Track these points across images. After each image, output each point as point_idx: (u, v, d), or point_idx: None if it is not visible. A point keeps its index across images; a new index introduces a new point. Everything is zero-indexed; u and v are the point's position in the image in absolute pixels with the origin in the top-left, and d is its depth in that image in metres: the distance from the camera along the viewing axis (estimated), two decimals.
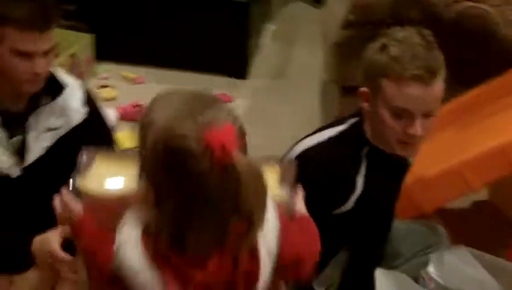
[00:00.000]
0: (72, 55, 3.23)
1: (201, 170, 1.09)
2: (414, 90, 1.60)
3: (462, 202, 2.52)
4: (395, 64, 1.60)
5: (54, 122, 1.87)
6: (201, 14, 3.42)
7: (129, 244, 1.17)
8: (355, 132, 1.75)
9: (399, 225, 1.95)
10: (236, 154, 1.08)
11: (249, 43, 3.53)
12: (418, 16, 2.39)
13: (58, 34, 3.37)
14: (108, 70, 3.48)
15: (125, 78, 3.42)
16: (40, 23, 1.72)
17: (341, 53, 2.66)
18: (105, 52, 3.49)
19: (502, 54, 2.33)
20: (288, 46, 3.91)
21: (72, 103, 1.91)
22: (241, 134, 1.15)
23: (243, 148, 1.15)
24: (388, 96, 1.63)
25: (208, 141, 1.07)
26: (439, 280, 1.83)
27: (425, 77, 1.59)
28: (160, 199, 1.14)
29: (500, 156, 1.95)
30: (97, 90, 3.26)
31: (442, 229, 2.01)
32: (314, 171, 1.66)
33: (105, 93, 3.24)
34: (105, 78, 3.42)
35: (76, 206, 1.37)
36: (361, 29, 2.48)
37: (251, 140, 1.36)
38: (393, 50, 1.61)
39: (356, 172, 1.72)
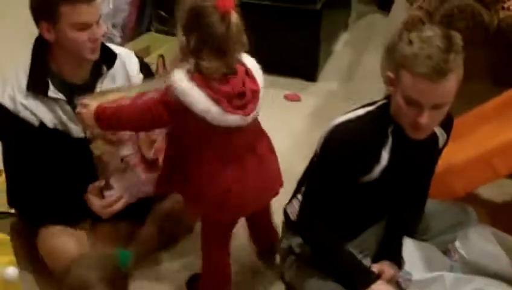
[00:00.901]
0: (160, 56, 3.59)
1: (212, 20, 1.83)
2: (423, 85, 1.76)
3: (504, 195, 2.70)
4: (413, 59, 1.77)
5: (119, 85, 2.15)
6: (277, 21, 3.70)
7: (182, 81, 1.84)
8: (382, 111, 1.94)
9: (431, 204, 2.16)
10: (231, 11, 1.85)
11: (320, 49, 3.79)
12: (466, 25, 2.55)
13: (151, 37, 3.81)
14: None
15: None
16: None
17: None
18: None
19: None
20: (359, 54, 4.14)
21: (131, 69, 2.20)
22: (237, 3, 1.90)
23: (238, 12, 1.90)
24: (404, 86, 1.81)
25: (218, 3, 1.83)
26: (462, 253, 2.04)
27: (434, 76, 1.74)
28: (189, 41, 1.86)
29: None
30: None
31: (471, 210, 2.18)
32: (340, 142, 1.92)
33: None
34: None
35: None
36: None
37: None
38: (416, 46, 1.77)
39: (381, 146, 1.93)
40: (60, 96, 2.06)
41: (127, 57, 2.22)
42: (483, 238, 2.04)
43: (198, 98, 1.83)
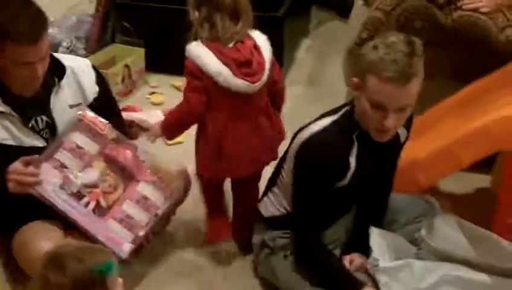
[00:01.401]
0: (125, 66, 3.64)
1: None
2: (389, 89, 1.83)
3: (465, 188, 2.80)
4: (378, 64, 1.83)
5: (74, 99, 2.16)
6: None
7: (197, 46, 2.14)
8: (346, 119, 2.01)
9: (397, 197, 2.25)
10: None
11: (284, 55, 3.85)
12: (422, 26, 2.65)
13: (116, 48, 3.84)
14: (158, 80, 3.87)
15: (173, 86, 3.78)
16: (34, 35, 1.95)
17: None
18: (155, 64, 3.89)
19: (493, 56, 2.58)
20: (321, 59, 4.21)
21: (85, 81, 2.20)
22: None
23: None
24: (370, 90, 1.87)
25: None
26: (429, 241, 2.12)
27: (400, 80, 1.81)
28: (200, 12, 2.12)
29: (484, 134, 2.23)
30: (147, 96, 3.69)
31: (435, 201, 2.27)
32: (315, 156, 1.98)
33: (154, 98, 3.64)
34: (155, 87, 3.81)
35: None
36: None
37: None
38: (381, 52, 1.84)
39: (349, 153, 2.00)
40: (8, 110, 2.05)
41: (79, 69, 2.21)
42: (448, 227, 2.12)
43: (210, 61, 2.11)
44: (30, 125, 2.11)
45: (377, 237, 2.05)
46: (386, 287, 2.01)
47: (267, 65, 2.20)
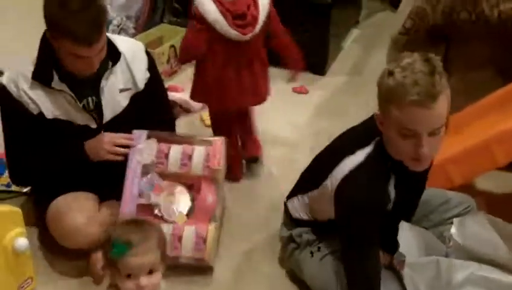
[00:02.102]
0: (171, 46, 3.68)
1: None
2: (416, 113, 1.70)
3: (503, 188, 2.74)
4: (400, 89, 1.70)
5: (124, 84, 2.20)
6: (288, 14, 3.75)
7: (205, 1, 2.44)
8: (379, 152, 1.89)
9: (434, 193, 2.21)
10: None
11: (330, 43, 3.85)
12: (468, 17, 2.58)
13: (164, 28, 3.89)
14: None
15: None
16: (91, 38, 1.98)
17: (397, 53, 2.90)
18: None
19: None
20: (368, 50, 4.18)
21: (138, 68, 2.23)
22: None
23: None
24: (396, 120, 1.74)
25: None
26: (458, 239, 2.08)
27: (426, 101, 1.68)
28: None
29: None
30: (191, 78, 3.70)
31: (473, 202, 2.22)
32: (361, 197, 1.85)
33: None
34: None
35: None
36: (417, 34, 2.73)
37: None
38: (398, 76, 1.71)
39: (387, 184, 1.91)
40: (64, 87, 2.10)
41: (134, 55, 2.23)
42: (479, 225, 2.08)
43: (210, 9, 2.44)
44: (82, 104, 2.15)
45: (405, 232, 2.03)
46: (411, 282, 2.00)
47: (261, 18, 2.52)
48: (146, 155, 2.21)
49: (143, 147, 2.21)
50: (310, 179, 2.14)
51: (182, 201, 2.25)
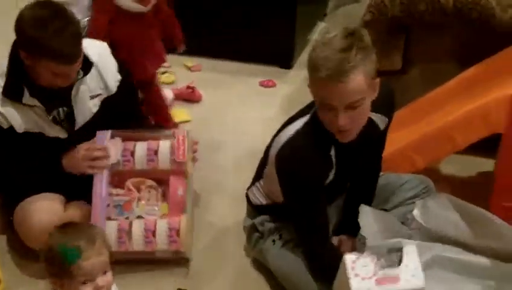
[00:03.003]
0: None
1: None
2: (328, 88, 1.74)
3: (467, 172, 2.80)
4: (313, 64, 1.76)
5: (94, 90, 2.21)
6: (253, 10, 3.79)
7: None
8: (317, 120, 1.90)
9: (392, 177, 2.26)
10: None
11: (296, 36, 3.86)
12: (425, 8, 2.61)
13: None
14: (170, 60, 3.88)
15: (185, 66, 3.83)
16: (75, 55, 2.00)
17: None
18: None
19: (497, 37, 2.55)
20: None
21: (108, 73, 2.24)
22: None
23: None
24: (313, 93, 1.82)
25: None
26: (421, 221, 2.10)
27: (333, 77, 1.71)
28: None
29: (479, 116, 2.21)
30: (159, 76, 3.72)
31: (430, 182, 2.26)
32: (296, 165, 1.89)
33: (165, 78, 3.64)
34: (168, 66, 3.82)
35: None
36: (377, 26, 2.73)
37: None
38: (315, 51, 1.76)
39: (328, 151, 1.93)
40: (35, 102, 2.10)
41: (101, 62, 2.23)
42: (441, 206, 2.09)
43: None
44: (52, 116, 2.16)
45: (366, 215, 2.04)
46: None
47: None
48: (112, 153, 2.21)
49: (107, 146, 2.21)
50: (262, 162, 2.18)
51: (152, 196, 2.27)
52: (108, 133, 2.23)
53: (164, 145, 2.26)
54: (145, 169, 2.26)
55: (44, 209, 2.17)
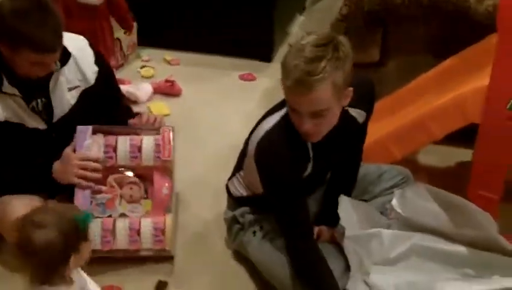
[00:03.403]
0: (117, 40, 3.63)
1: None
2: (293, 96, 1.75)
3: (446, 162, 2.83)
4: (283, 70, 1.74)
5: (72, 82, 2.19)
6: (232, 3, 3.80)
7: None
8: None
9: (370, 167, 2.28)
10: None
11: (275, 29, 3.88)
12: (401, 1, 2.63)
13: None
14: (150, 54, 3.91)
15: (164, 60, 3.83)
16: (56, 45, 1.99)
17: None
18: (148, 39, 3.92)
19: (474, 28, 2.57)
20: None
21: (85, 64, 2.22)
22: None
23: None
24: (285, 96, 1.82)
25: None
26: (399, 211, 2.14)
27: (298, 88, 1.71)
28: None
29: (455, 106, 2.23)
30: (138, 70, 3.72)
31: (408, 172, 2.28)
32: (273, 160, 1.89)
33: (144, 72, 3.67)
34: (147, 60, 3.85)
35: None
36: (354, 20, 2.77)
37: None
38: (287, 57, 1.74)
39: (306, 144, 1.92)
40: (14, 91, 2.09)
41: (79, 54, 2.22)
42: (419, 196, 2.13)
43: None
44: (31, 106, 2.14)
45: (345, 205, 2.07)
46: (355, 256, 2.05)
47: None
48: (93, 152, 2.19)
49: (90, 142, 2.19)
50: (241, 154, 2.19)
51: (135, 192, 2.26)
52: (90, 129, 2.21)
53: (147, 141, 2.24)
54: (128, 165, 2.24)
55: (23, 204, 2.13)
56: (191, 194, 2.66)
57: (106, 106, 2.35)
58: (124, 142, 2.23)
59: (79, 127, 2.20)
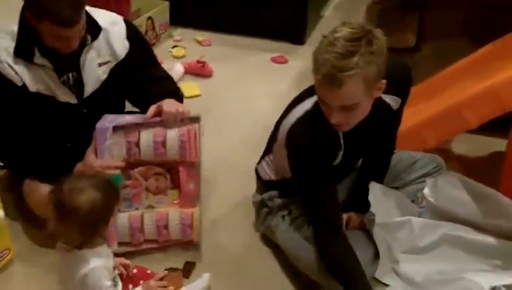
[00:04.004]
0: (149, 18, 3.66)
1: None
2: (322, 89, 1.74)
3: (480, 151, 2.78)
4: (314, 63, 1.72)
5: (103, 57, 2.18)
6: None
7: None
8: None
9: (404, 155, 2.24)
10: None
11: (308, 11, 3.83)
12: None
13: (141, 0, 3.88)
14: (181, 34, 3.90)
15: (196, 40, 3.83)
16: (73, 20, 1.97)
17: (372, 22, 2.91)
18: (180, 19, 3.92)
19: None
20: (348, 17, 4.13)
21: (116, 39, 2.20)
22: None
23: None
24: (315, 88, 1.78)
25: None
26: (431, 200, 2.12)
27: (327, 83, 1.68)
28: None
29: (491, 94, 2.19)
30: (169, 50, 3.71)
31: (441, 160, 2.24)
32: (305, 144, 1.86)
33: (175, 51, 3.66)
34: (179, 40, 3.84)
35: None
36: (390, 2, 2.73)
37: None
38: (319, 50, 1.70)
39: (337, 133, 1.89)
40: (45, 62, 2.10)
41: (110, 28, 2.20)
42: (452, 185, 2.10)
43: None
44: (62, 80, 2.15)
45: (375, 192, 2.05)
46: (384, 243, 2.03)
47: None
48: (116, 152, 2.11)
49: (111, 143, 2.10)
50: (272, 137, 2.16)
51: (161, 183, 2.22)
52: (110, 128, 2.09)
53: (172, 136, 2.13)
54: (153, 160, 2.17)
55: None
56: (219, 176, 2.65)
57: (143, 79, 2.28)
58: (147, 139, 2.12)
59: (98, 127, 2.09)
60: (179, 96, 2.28)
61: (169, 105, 2.11)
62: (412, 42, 2.83)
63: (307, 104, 1.92)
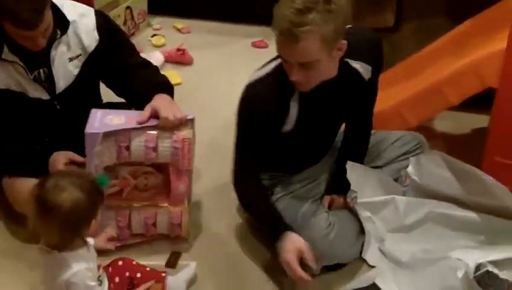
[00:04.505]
0: (128, 8, 3.62)
1: None
2: (281, 46, 1.75)
3: (462, 129, 2.78)
4: (273, 18, 1.74)
5: (73, 51, 2.14)
6: None
7: None
8: None
9: (384, 134, 2.24)
10: None
11: None
12: None
13: None
14: (161, 22, 3.88)
15: (175, 28, 3.80)
16: (34, 22, 1.92)
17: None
18: (159, 7, 3.89)
19: None
20: None
21: (85, 32, 2.15)
22: None
23: None
24: (276, 45, 1.79)
25: None
26: (415, 178, 2.12)
27: (285, 38, 1.71)
28: None
29: (471, 71, 2.19)
30: (148, 39, 3.69)
31: (423, 138, 2.24)
32: (248, 102, 1.91)
33: (155, 40, 3.63)
34: (158, 29, 3.82)
35: None
36: None
37: None
38: (278, 5, 1.73)
39: (289, 97, 1.89)
40: (15, 59, 2.06)
41: (79, 21, 2.15)
42: (435, 164, 2.10)
43: None
44: (33, 76, 2.12)
45: (356, 172, 2.05)
46: (369, 222, 2.03)
47: None
48: (105, 158, 2.06)
49: (100, 149, 2.03)
50: None
51: (150, 181, 2.19)
52: (100, 134, 2.01)
53: (164, 142, 2.06)
54: (143, 162, 2.12)
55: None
56: (203, 162, 2.64)
57: (119, 72, 2.23)
58: (138, 144, 2.05)
59: (88, 133, 2.00)
60: (169, 89, 2.23)
61: (165, 109, 2.03)
62: (391, 22, 2.82)
63: (269, 67, 1.94)
